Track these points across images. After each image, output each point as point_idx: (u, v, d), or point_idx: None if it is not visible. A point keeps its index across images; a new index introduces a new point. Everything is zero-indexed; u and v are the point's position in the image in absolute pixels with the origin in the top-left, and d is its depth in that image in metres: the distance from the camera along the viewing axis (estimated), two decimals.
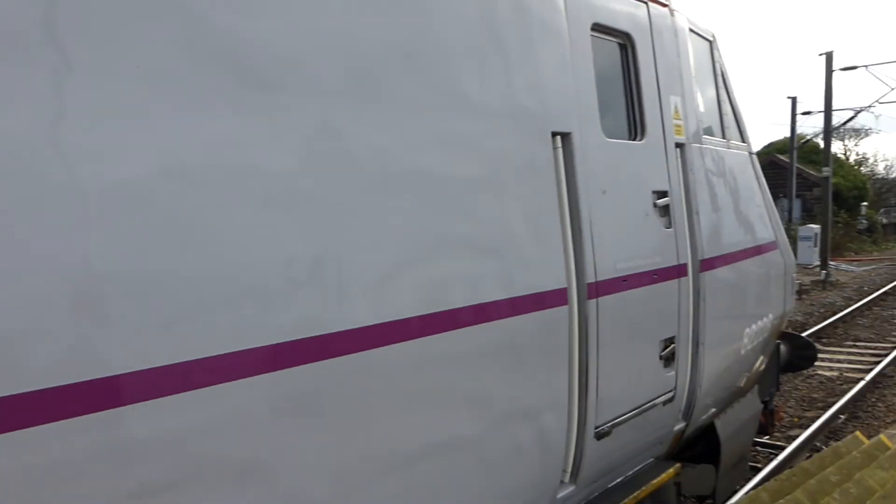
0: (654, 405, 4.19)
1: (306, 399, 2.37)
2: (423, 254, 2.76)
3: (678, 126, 4.51)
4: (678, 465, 4.64)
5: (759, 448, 8.45)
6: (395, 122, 2.70)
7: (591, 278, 3.55)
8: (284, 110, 2.36)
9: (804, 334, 13.69)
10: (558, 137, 3.46)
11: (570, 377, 3.50)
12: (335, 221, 2.46)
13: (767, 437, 8.12)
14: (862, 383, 10.70)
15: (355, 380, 2.51)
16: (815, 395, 10.77)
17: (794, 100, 33.13)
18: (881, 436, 6.53)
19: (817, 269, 24.16)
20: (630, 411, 3.96)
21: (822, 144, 27.59)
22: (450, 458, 2.92)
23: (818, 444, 8.63)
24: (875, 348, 13.64)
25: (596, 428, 3.69)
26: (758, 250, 5.63)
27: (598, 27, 3.85)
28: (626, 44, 4.14)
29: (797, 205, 34.93)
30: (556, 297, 3.33)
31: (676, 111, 4.52)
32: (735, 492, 6.36)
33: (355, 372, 2.51)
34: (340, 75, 2.54)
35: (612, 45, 4.07)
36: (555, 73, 3.47)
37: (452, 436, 2.92)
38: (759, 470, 7.53)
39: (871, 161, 54.23)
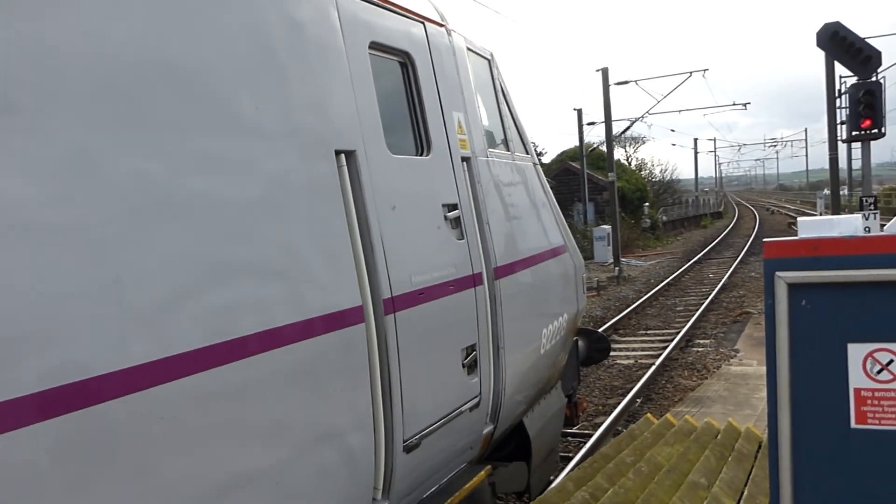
0: (461, 412, 4.29)
1: (81, 448, 2.17)
2: (200, 282, 2.61)
3: (463, 140, 4.69)
4: (489, 466, 4.79)
5: (569, 438, 8.99)
6: (159, 144, 2.55)
7: (386, 294, 3.57)
8: (21, 133, 2.14)
9: (603, 327, 14.87)
10: (342, 155, 3.44)
11: (374, 394, 3.48)
12: (94, 254, 2.26)
13: (575, 427, 8.66)
14: (652, 368, 11.76)
15: (136, 422, 2.33)
16: (616, 383, 11.66)
17: (580, 111, 35.79)
18: (668, 415, 7.20)
19: (611, 265, 26.30)
20: (437, 421, 4.02)
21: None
22: (250, 491, 2.79)
23: (620, 427, 9.34)
24: (663, 335, 15.06)
25: (404, 441, 3.70)
26: (548, 254, 5.98)
27: (376, 46, 3.90)
28: (405, 62, 4.23)
29: (591, 208, 37.73)
30: (351, 316, 3.31)
31: (460, 126, 4.69)
32: (549, 483, 6.69)
33: (135, 413, 2.32)
34: (90, 94, 2.34)
35: (392, 64, 4.14)
36: (335, 91, 3.46)
37: (251, 468, 2.79)
38: (570, 459, 8.00)
39: (648, 165, 60.03)
